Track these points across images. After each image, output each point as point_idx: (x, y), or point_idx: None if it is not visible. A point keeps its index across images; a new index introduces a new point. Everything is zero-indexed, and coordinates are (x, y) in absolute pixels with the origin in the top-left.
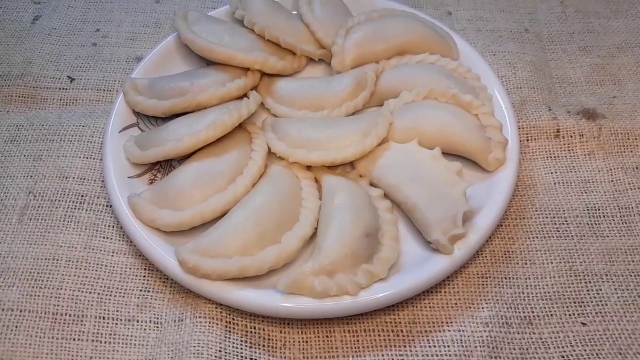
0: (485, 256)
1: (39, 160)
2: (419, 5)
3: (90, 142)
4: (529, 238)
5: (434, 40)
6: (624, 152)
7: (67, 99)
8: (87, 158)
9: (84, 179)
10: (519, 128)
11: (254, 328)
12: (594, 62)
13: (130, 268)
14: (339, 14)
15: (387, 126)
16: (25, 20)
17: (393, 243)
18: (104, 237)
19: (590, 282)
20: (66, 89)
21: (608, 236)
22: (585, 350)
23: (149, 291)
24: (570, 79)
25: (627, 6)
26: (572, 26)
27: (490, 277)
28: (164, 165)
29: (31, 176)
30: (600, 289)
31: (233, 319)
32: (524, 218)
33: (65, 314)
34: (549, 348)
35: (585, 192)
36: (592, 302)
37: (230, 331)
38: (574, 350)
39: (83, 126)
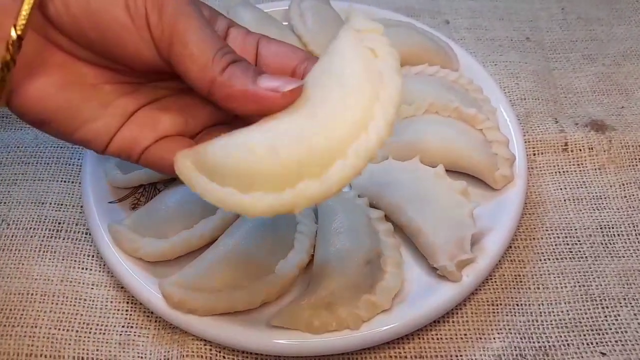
0: (495, 281)
1: (13, 185)
2: (415, 15)
3: (69, 165)
4: (540, 260)
5: (433, 51)
6: (637, 165)
7: None
8: (65, 182)
9: (62, 204)
10: (525, 142)
11: None
12: (599, 71)
13: (111, 302)
14: (332, 25)
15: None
16: None
17: (396, 270)
18: (82, 268)
19: (607, 307)
20: None
21: (624, 256)
22: None
23: (132, 327)
24: (575, 88)
25: (630, 12)
26: (574, 34)
27: (501, 304)
28: (148, 189)
29: (5, 203)
30: (619, 315)
31: (223, 357)
32: (534, 239)
33: (41, 355)
34: None
35: (598, 209)
36: (610, 329)
37: None
38: None
39: (61, 147)
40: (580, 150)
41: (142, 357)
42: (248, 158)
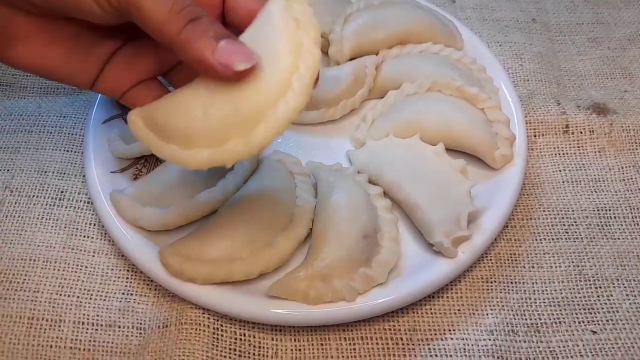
0: (490, 259)
1: (16, 153)
2: None
3: (72, 134)
4: (536, 240)
5: (437, 29)
6: (636, 149)
7: (48, 87)
8: (67, 151)
9: (64, 173)
10: (527, 123)
11: (244, 335)
12: (604, 55)
13: (112, 269)
14: (336, 1)
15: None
16: None
17: (393, 245)
18: (84, 236)
19: (600, 287)
20: None
21: (619, 238)
22: None
23: (132, 294)
24: (579, 71)
25: None
26: (581, 16)
27: (495, 281)
28: (150, 160)
29: (8, 170)
30: (611, 295)
31: (221, 325)
32: (531, 219)
33: (42, 319)
34: (557, 358)
35: (596, 192)
36: (602, 308)
37: (218, 338)
38: None
39: (64, 117)
40: (581, 132)
41: (141, 324)
42: (187, 120)
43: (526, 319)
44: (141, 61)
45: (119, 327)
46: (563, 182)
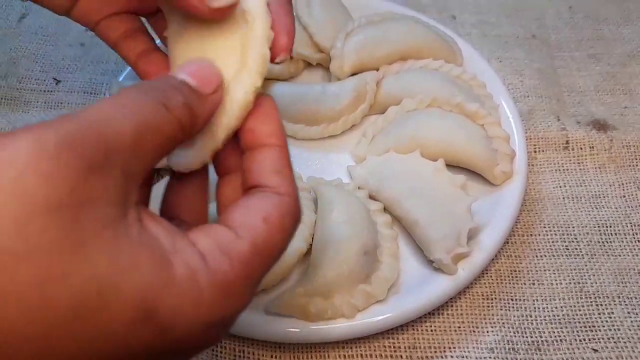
0: (491, 276)
1: None
2: (422, 9)
3: None
4: (536, 256)
5: (438, 45)
6: (637, 165)
7: (51, 101)
8: None
9: None
10: (527, 139)
11: (243, 352)
12: (604, 71)
13: None
14: (339, 16)
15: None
16: (12, 19)
17: (392, 261)
18: None
19: (601, 304)
20: (51, 91)
21: (620, 255)
22: None
23: None
24: (579, 87)
25: (638, 12)
26: (581, 32)
27: (495, 298)
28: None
29: None
30: (613, 312)
31: (221, 342)
32: (531, 235)
33: None
34: None
35: (596, 208)
36: (603, 326)
37: (217, 356)
38: None
39: None
40: (581, 148)
41: None
42: None
43: (527, 337)
44: None
45: None
46: (563, 198)
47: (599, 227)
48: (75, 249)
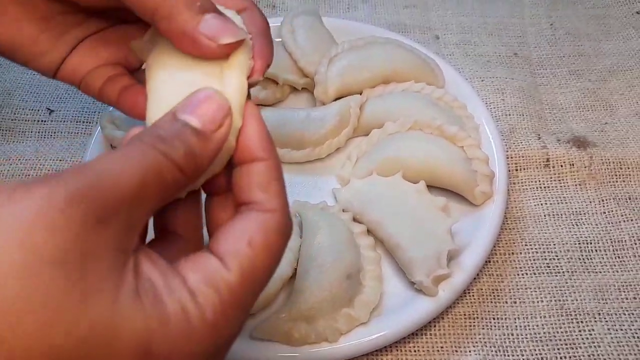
0: (473, 295)
1: None
2: (406, 31)
3: None
4: (518, 275)
5: (420, 68)
6: (616, 182)
7: (45, 131)
8: None
9: None
10: (508, 157)
11: None
12: (585, 87)
13: None
14: (323, 41)
15: None
16: None
17: (375, 284)
18: None
19: (582, 322)
20: (45, 121)
21: (600, 272)
22: None
23: None
24: (560, 104)
25: (618, 28)
26: (562, 49)
27: (477, 317)
28: None
29: None
30: (593, 329)
31: None
32: (512, 253)
33: None
34: None
35: (577, 225)
36: (584, 343)
37: None
38: None
39: (60, 160)
40: (562, 166)
41: None
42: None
43: (508, 356)
44: (109, 48)
45: None
46: (544, 215)
47: (579, 243)
48: (79, 300)
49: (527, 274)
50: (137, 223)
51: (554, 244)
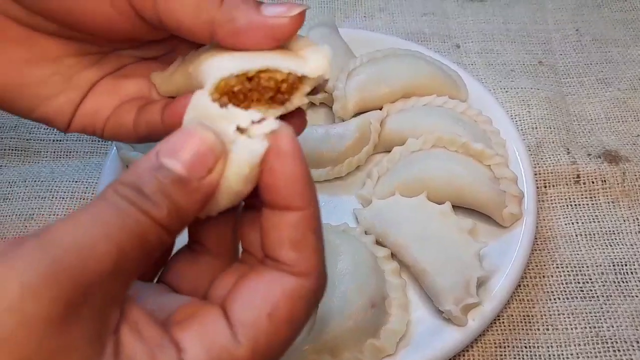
0: (503, 322)
1: (30, 220)
2: (425, 40)
3: (83, 199)
4: (550, 300)
5: (441, 81)
6: None
7: (60, 151)
8: None
9: None
10: (536, 174)
11: None
12: (615, 96)
13: None
14: (340, 55)
15: None
16: None
17: (401, 313)
18: None
19: (619, 350)
20: (60, 140)
21: (637, 296)
22: None
23: None
24: (589, 115)
25: None
26: (589, 56)
27: (508, 346)
28: None
29: None
30: (631, 358)
31: None
32: (544, 276)
33: None
34: None
35: (610, 245)
36: None
37: None
38: None
39: (75, 181)
40: (593, 182)
41: None
42: None
43: None
44: (128, 85)
45: None
46: (576, 235)
47: (614, 265)
48: None
49: (559, 298)
50: (117, 296)
51: (587, 266)
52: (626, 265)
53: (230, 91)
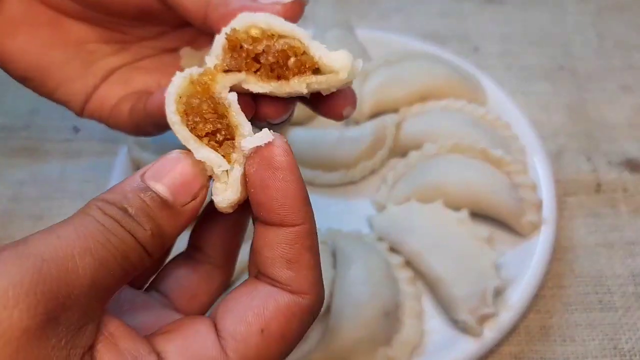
0: (519, 333)
1: (39, 221)
2: (443, 42)
3: None
4: (567, 311)
5: (459, 84)
6: None
7: (71, 151)
8: None
9: None
10: (556, 182)
11: None
12: (637, 103)
13: None
14: (355, 55)
15: None
16: None
17: (415, 322)
18: None
19: None
20: (70, 140)
21: None
22: None
23: None
24: (610, 122)
25: None
26: (611, 61)
27: (524, 357)
28: None
29: None
30: None
31: None
32: (562, 287)
33: None
34: None
35: (631, 256)
36: None
37: None
38: None
39: (85, 182)
40: (614, 191)
41: None
42: None
43: None
44: (141, 77)
45: None
46: (596, 245)
47: (634, 277)
48: None
49: (577, 310)
50: (94, 310)
51: (607, 277)
52: None
53: (238, 45)
